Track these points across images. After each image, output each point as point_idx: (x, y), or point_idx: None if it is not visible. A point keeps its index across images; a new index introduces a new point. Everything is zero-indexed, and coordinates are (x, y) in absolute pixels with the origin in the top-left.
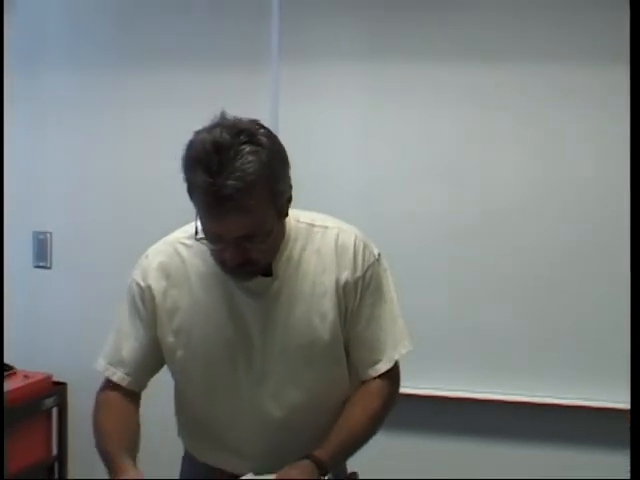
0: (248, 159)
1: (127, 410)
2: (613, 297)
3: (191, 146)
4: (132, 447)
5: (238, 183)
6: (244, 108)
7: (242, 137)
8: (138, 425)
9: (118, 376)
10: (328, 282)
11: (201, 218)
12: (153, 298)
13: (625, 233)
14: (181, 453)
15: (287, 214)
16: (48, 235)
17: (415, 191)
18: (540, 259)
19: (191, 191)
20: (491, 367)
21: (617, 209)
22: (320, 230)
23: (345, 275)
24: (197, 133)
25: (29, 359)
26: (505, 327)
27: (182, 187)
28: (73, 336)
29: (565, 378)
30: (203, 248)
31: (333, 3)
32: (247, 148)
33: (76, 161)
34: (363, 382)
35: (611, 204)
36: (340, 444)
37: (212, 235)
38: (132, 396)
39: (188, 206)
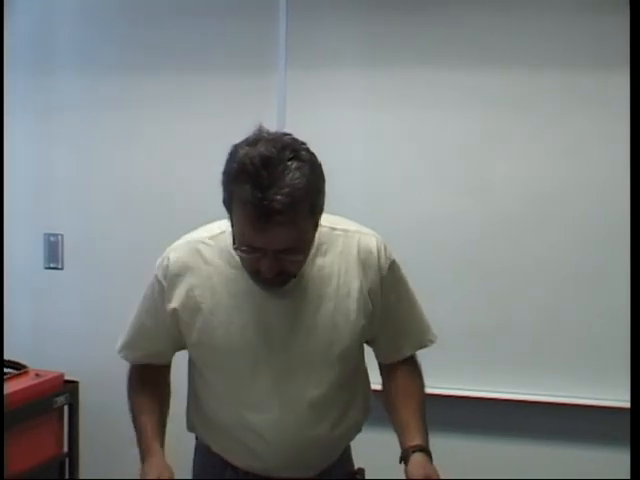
0: (296, 175)
1: (154, 379)
2: (615, 297)
3: (235, 159)
4: (161, 420)
5: (287, 198)
6: (252, 111)
7: (287, 152)
8: (168, 387)
9: (132, 358)
10: (352, 284)
11: (241, 230)
12: (174, 299)
13: (627, 235)
14: (193, 444)
15: (318, 225)
16: (59, 237)
17: (421, 194)
18: (545, 261)
19: (233, 203)
20: (493, 366)
21: (622, 211)
22: (341, 234)
23: (370, 278)
24: (238, 147)
25: (41, 358)
26: (508, 327)
27: (193, 188)
28: (84, 335)
29: (567, 377)
30: (225, 249)
31: (339, 8)
32: (294, 164)
33: (87, 162)
34: (389, 366)
35: (617, 206)
36: (422, 423)
37: (250, 246)
38: (156, 367)
39: (199, 207)
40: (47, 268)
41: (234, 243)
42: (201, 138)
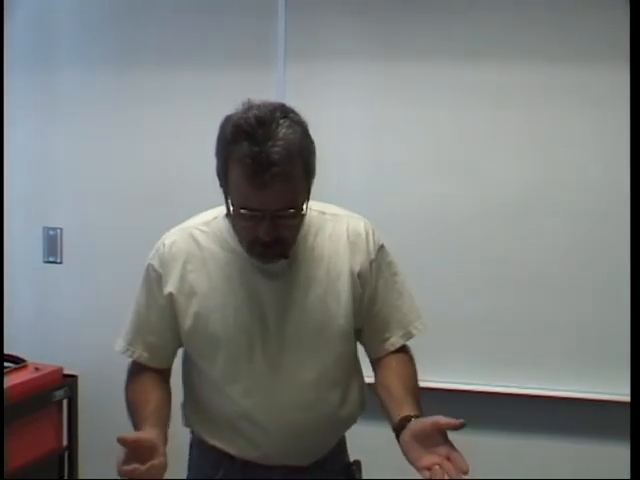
0: (289, 131)
1: (149, 383)
2: (615, 290)
3: (230, 124)
4: (153, 416)
5: (283, 150)
6: None
7: (279, 113)
8: (162, 394)
9: (137, 354)
10: (341, 266)
11: (239, 191)
12: (168, 284)
13: (628, 227)
14: (183, 440)
15: (309, 199)
16: (58, 231)
17: (419, 187)
18: (542, 254)
19: (229, 165)
20: (492, 360)
21: (617, 206)
22: (331, 218)
23: (359, 260)
24: (231, 115)
25: (40, 352)
26: (506, 321)
27: (192, 183)
28: (83, 329)
29: (567, 370)
30: (219, 233)
31: (338, 3)
32: (286, 122)
33: (86, 157)
34: (380, 359)
35: (612, 201)
36: (417, 400)
37: (248, 210)
38: (157, 370)
39: (198, 202)
40: (46, 262)
41: (230, 213)
42: (201, 134)
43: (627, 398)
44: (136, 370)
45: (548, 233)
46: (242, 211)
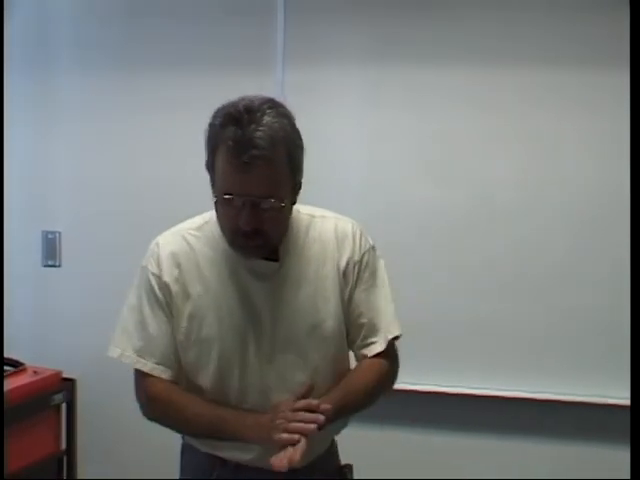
0: (275, 119)
1: (187, 394)
2: (613, 291)
3: (219, 113)
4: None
5: (265, 135)
6: None
7: (267, 105)
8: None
9: (150, 366)
10: (330, 267)
11: (222, 174)
12: (168, 285)
13: (625, 228)
14: (179, 443)
15: (295, 201)
16: (57, 234)
17: (418, 188)
18: (539, 256)
19: (217, 151)
20: (490, 363)
21: (616, 207)
22: (320, 220)
23: (344, 259)
24: (222, 105)
25: (39, 356)
26: (504, 323)
27: (191, 186)
28: (82, 333)
29: (566, 374)
30: (210, 236)
31: (337, 8)
32: (273, 112)
33: (84, 161)
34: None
35: (610, 202)
36: (339, 400)
37: (229, 197)
38: (173, 383)
39: (197, 205)
40: (45, 266)
41: (216, 198)
42: (199, 138)
43: (623, 401)
44: (166, 395)
45: (547, 234)
46: (225, 197)
